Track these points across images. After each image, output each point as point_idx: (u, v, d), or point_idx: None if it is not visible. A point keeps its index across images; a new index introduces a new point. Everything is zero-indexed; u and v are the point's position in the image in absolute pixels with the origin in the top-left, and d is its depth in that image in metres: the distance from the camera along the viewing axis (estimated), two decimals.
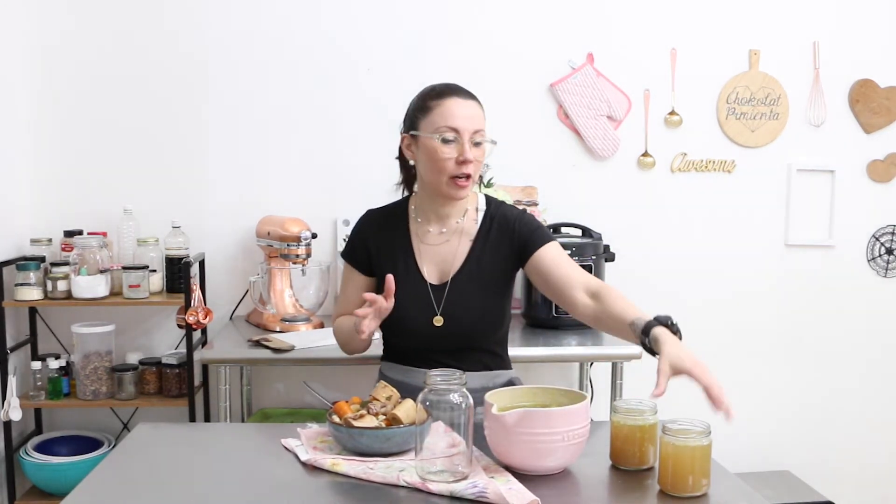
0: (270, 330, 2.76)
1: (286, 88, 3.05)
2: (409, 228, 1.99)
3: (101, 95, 3.00)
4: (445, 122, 1.85)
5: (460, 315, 1.91)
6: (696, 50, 3.19)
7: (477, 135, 1.88)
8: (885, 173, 3.31)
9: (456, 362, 1.90)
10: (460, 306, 1.91)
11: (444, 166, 1.86)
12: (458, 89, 1.91)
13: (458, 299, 1.91)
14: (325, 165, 3.06)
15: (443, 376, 1.52)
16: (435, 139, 1.85)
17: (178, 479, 1.57)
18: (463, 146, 1.85)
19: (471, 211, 2.00)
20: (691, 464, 1.46)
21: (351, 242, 2.04)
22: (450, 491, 1.44)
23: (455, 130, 1.85)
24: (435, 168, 1.87)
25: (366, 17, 3.06)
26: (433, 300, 1.91)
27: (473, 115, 1.88)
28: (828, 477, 3.28)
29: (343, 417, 1.63)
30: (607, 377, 2.78)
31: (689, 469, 1.46)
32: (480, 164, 1.92)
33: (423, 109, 1.90)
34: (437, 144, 1.85)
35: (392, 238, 1.98)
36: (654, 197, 3.22)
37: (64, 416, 3.07)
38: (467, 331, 1.94)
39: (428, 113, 1.88)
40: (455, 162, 1.85)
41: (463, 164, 1.85)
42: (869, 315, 3.35)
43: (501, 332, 2.02)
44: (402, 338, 1.96)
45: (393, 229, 1.99)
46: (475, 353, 1.97)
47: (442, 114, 1.86)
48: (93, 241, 2.77)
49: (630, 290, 3.15)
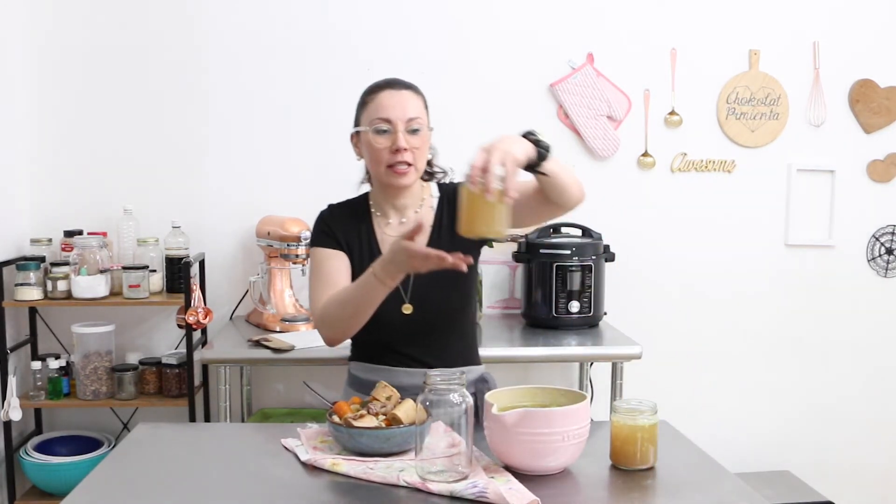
0: (270, 330, 2.76)
1: (286, 88, 3.05)
2: (371, 221, 2.00)
3: (101, 95, 3.00)
4: (378, 113, 1.90)
5: (428, 302, 1.92)
6: (696, 50, 3.19)
7: (412, 122, 1.91)
8: (885, 173, 3.31)
9: (426, 356, 1.92)
10: (427, 292, 1.92)
11: (380, 156, 1.90)
12: (394, 82, 1.96)
13: (424, 286, 1.92)
14: (325, 165, 3.06)
15: (443, 376, 1.52)
16: (370, 132, 1.91)
17: (178, 479, 1.57)
18: (396, 135, 1.89)
19: (427, 200, 2.03)
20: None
21: (319, 231, 2.01)
22: (450, 491, 1.44)
23: (387, 121, 1.89)
24: (374, 159, 1.93)
25: (366, 17, 3.06)
26: (400, 288, 1.91)
27: (406, 105, 1.92)
28: (828, 477, 3.28)
29: (343, 417, 1.64)
30: (607, 377, 2.78)
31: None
32: (422, 151, 1.94)
33: (362, 105, 1.96)
34: (372, 136, 1.91)
35: (355, 230, 1.99)
36: (654, 197, 3.22)
37: (64, 416, 3.07)
38: (436, 317, 1.95)
39: (365, 108, 1.94)
40: (389, 151, 1.89)
41: (397, 153, 1.89)
42: (869, 315, 3.35)
43: (469, 319, 2.03)
44: (371, 331, 1.91)
45: (356, 222, 2.00)
46: (444, 345, 1.97)
47: (376, 107, 1.91)
48: (93, 241, 2.77)
49: (630, 290, 3.20)
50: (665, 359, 3.19)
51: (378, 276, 1.74)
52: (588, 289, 2.86)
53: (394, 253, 1.71)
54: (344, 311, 1.84)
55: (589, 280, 2.85)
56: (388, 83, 1.95)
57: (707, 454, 1.70)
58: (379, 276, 1.74)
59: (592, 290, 2.86)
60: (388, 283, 1.75)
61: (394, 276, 1.74)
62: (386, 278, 1.74)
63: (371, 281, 1.76)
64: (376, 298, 1.79)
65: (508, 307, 3.17)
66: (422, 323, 1.93)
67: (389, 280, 1.75)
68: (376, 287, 1.76)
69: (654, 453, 1.59)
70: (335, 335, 1.90)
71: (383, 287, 1.76)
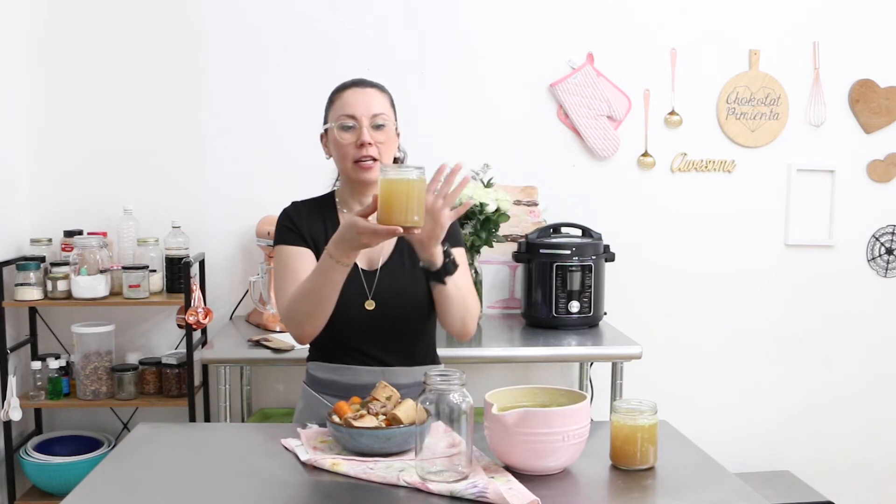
0: (270, 330, 2.76)
1: (286, 87, 3.05)
2: (337, 218, 2.00)
3: (101, 95, 3.00)
4: (343, 110, 1.93)
5: (391, 298, 1.92)
6: (696, 50, 3.19)
7: (377, 118, 1.93)
8: (885, 173, 3.31)
9: (385, 354, 1.93)
10: (391, 290, 1.92)
11: (346, 152, 1.92)
12: (359, 81, 1.99)
13: (388, 284, 1.93)
14: (325, 165, 3.04)
15: (443, 376, 1.52)
16: (336, 128, 1.93)
17: (178, 479, 1.57)
18: (360, 130, 1.91)
19: None
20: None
21: (284, 228, 1.99)
22: (450, 491, 1.44)
23: (352, 117, 1.92)
24: (340, 155, 1.95)
25: (366, 17, 3.06)
26: (364, 285, 1.92)
27: (370, 101, 1.94)
28: (828, 477, 3.28)
29: (343, 417, 1.63)
30: (607, 377, 2.78)
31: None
32: (387, 147, 1.95)
33: (329, 103, 1.99)
34: (337, 132, 1.93)
35: (321, 226, 1.98)
36: (654, 197, 3.22)
37: (64, 416, 3.07)
38: (398, 315, 1.94)
39: (331, 106, 1.98)
40: (354, 146, 1.91)
41: (362, 147, 1.91)
42: (869, 315, 3.35)
43: (430, 320, 2.02)
44: (332, 327, 1.89)
45: (322, 219, 2.00)
46: (405, 344, 1.97)
47: (342, 104, 1.94)
48: (93, 241, 2.77)
49: (630, 290, 3.20)
50: (665, 359, 3.19)
51: (333, 255, 1.74)
52: (588, 289, 2.86)
53: (346, 229, 1.71)
54: (307, 302, 1.81)
55: (589, 280, 2.85)
56: (355, 82, 1.99)
57: (707, 454, 1.70)
58: (333, 255, 1.73)
59: (592, 290, 2.86)
60: (344, 261, 1.74)
61: (348, 253, 1.73)
62: (341, 257, 1.73)
63: (327, 262, 1.75)
64: (336, 281, 1.77)
65: (508, 307, 3.17)
66: (384, 319, 1.92)
67: (345, 258, 1.74)
68: (334, 267, 1.74)
69: (654, 453, 1.59)
70: (304, 330, 1.86)
71: (340, 266, 1.74)
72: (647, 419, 1.59)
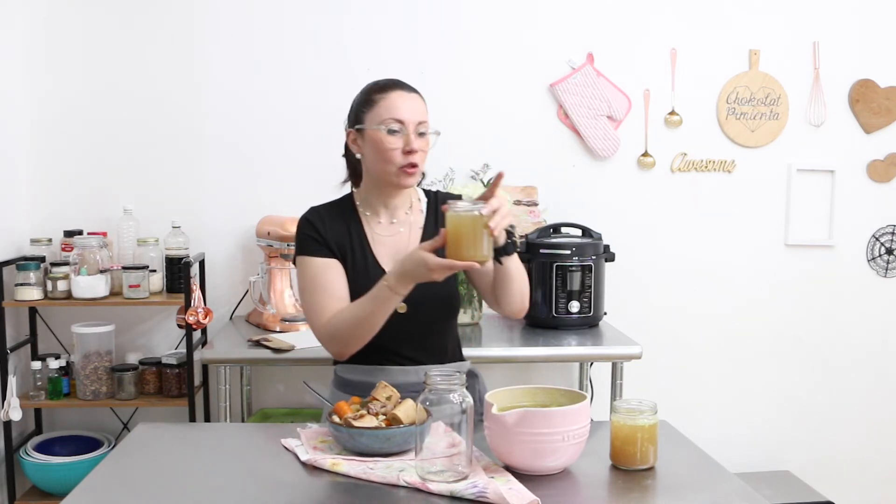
0: (270, 330, 2.76)
1: (285, 88, 3.05)
2: (360, 220, 2.00)
3: (101, 95, 3.00)
4: (390, 113, 1.90)
5: (422, 300, 1.92)
6: (696, 50, 3.19)
7: (421, 126, 1.92)
8: (885, 173, 3.31)
9: (417, 353, 1.94)
10: (421, 292, 1.91)
11: (391, 156, 1.90)
12: (401, 83, 1.97)
13: (419, 286, 1.92)
14: (324, 165, 3.03)
15: (443, 376, 1.52)
16: (381, 131, 1.90)
17: (178, 479, 1.57)
18: (408, 136, 1.89)
19: (415, 203, 2.04)
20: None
21: (307, 237, 1.97)
22: (450, 491, 1.44)
23: (400, 122, 1.90)
24: (382, 159, 1.91)
25: (364, 17, 3.06)
26: None
27: (416, 108, 1.93)
28: (828, 477, 3.28)
29: (343, 417, 1.64)
30: (607, 377, 2.78)
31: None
32: (426, 155, 1.96)
33: (368, 103, 1.94)
34: (383, 136, 1.90)
35: (344, 231, 1.98)
36: (654, 197, 3.22)
37: (64, 416, 3.07)
38: (430, 316, 1.96)
39: (373, 106, 1.93)
40: (402, 152, 1.89)
41: (409, 154, 1.89)
42: (869, 315, 3.35)
43: (456, 317, 2.07)
44: None
45: (343, 223, 1.99)
46: (435, 342, 1.99)
47: (387, 106, 1.91)
48: (93, 241, 2.77)
49: (630, 290, 3.20)
50: (665, 359, 3.19)
51: (393, 288, 1.77)
52: (588, 289, 2.86)
53: (415, 265, 1.74)
54: (358, 328, 1.84)
55: (589, 280, 2.85)
56: (396, 83, 1.95)
57: (707, 454, 1.70)
58: (394, 288, 1.77)
59: (592, 290, 2.86)
60: (402, 293, 1.79)
61: (408, 286, 1.78)
62: (401, 289, 1.78)
63: (385, 293, 1.79)
64: (390, 308, 1.82)
65: None
66: (416, 321, 1.93)
67: (404, 290, 1.78)
68: (391, 298, 1.79)
69: (654, 453, 1.59)
70: (349, 350, 1.90)
71: (398, 298, 1.79)
72: (647, 419, 1.59)
